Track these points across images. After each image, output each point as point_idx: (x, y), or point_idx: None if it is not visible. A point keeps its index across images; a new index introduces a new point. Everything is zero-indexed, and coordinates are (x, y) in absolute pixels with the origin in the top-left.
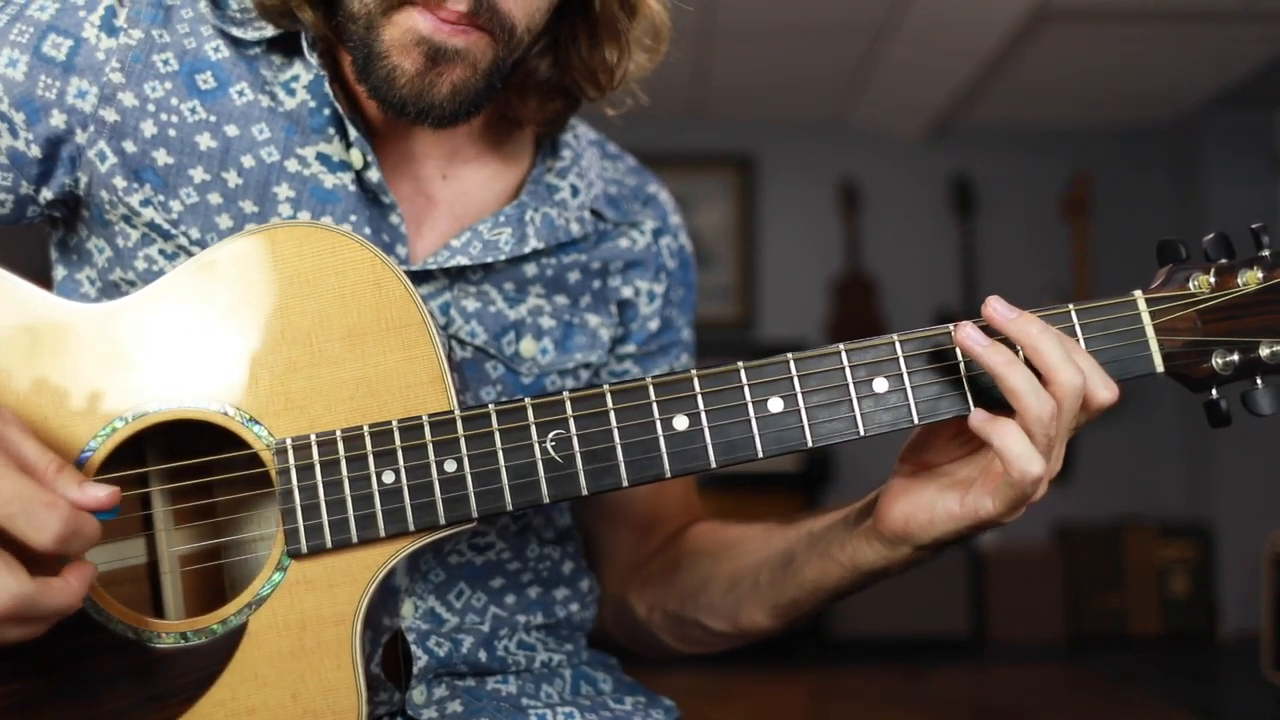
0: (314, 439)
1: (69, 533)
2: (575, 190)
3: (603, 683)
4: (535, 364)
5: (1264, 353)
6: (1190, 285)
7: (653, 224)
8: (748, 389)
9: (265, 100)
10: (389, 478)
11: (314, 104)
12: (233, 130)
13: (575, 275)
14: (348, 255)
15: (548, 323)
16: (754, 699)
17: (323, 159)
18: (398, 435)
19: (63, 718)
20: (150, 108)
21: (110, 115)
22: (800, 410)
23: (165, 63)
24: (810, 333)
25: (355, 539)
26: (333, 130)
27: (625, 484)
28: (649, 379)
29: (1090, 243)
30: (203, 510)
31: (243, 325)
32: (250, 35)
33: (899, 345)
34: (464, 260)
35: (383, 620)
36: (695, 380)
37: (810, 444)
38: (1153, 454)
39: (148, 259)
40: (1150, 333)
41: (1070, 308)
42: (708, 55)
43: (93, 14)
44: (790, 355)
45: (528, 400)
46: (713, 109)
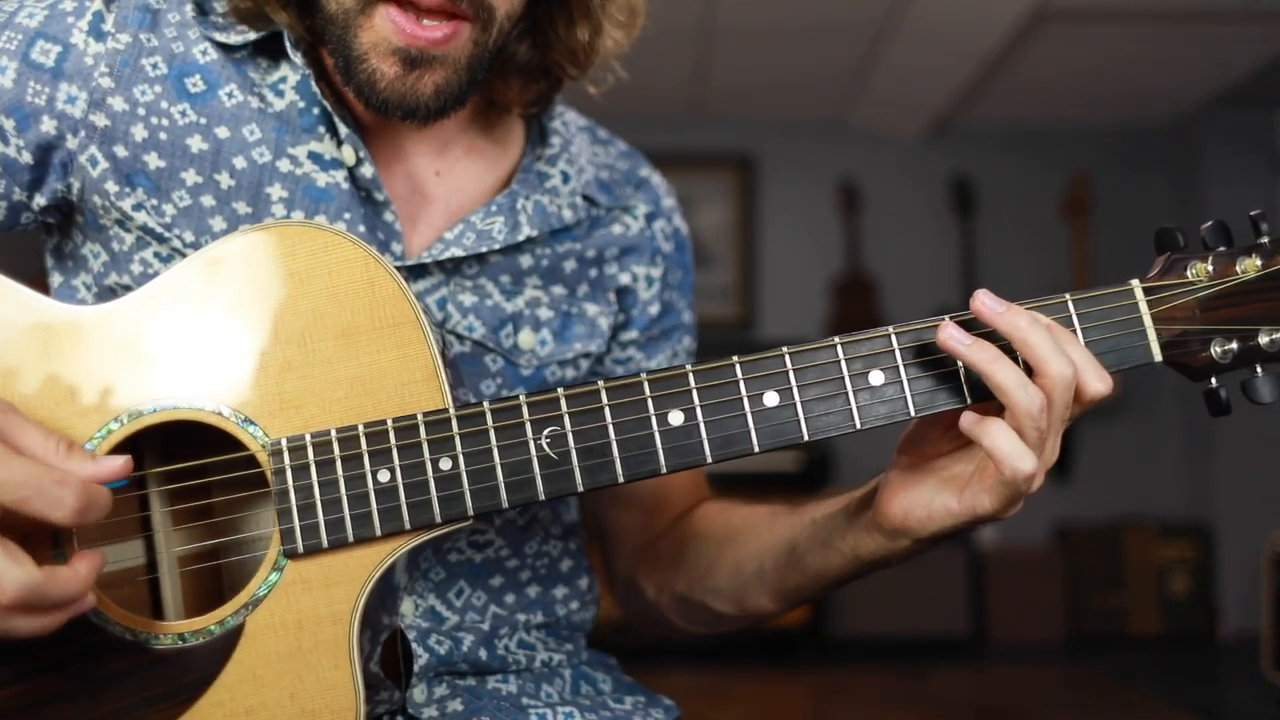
0: (309, 439)
1: (85, 504)
2: (566, 177)
3: (602, 683)
4: (534, 355)
5: (1263, 340)
6: (1188, 273)
7: (645, 208)
8: (743, 383)
9: (255, 101)
10: (384, 477)
11: (303, 104)
12: (223, 132)
13: (571, 264)
14: (340, 254)
15: (546, 313)
16: (754, 699)
17: (314, 158)
18: (393, 434)
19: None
20: (140, 111)
21: (100, 120)
22: (796, 404)
23: (154, 66)
24: (810, 333)
25: (351, 538)
26: (323, 129)
27: (621, 480)
28: (644, 375)
29: (1090, 243)
30: (201, 511)
31: (236, 326)
32: (234, 39)
33: (894, 338)
34: (458, 252)
35: (382, 619)
36: (690, 375)
37: (806, 437)
38: (1153, 454)
39: (143, 262)
40: (1148, 322)
41: (1067, 297)
42: (708, 55)
43: (81, 20)
44: (786, 349)
45: (522, 398)
46: (713, 109)
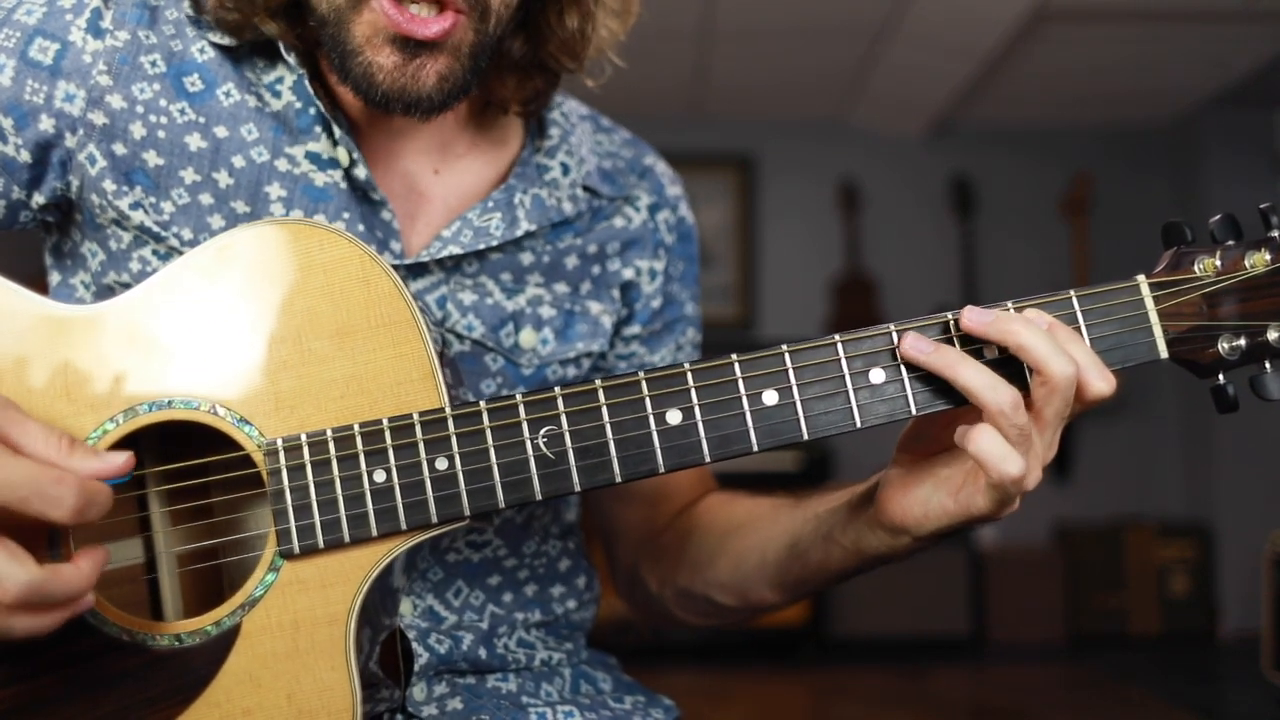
0: (304, 439)
1: (84, 503)
2: (566, 168)
3: (602, 682)
4: (536, 355)
5: (1272, 336)
6: (1196, 268)
7: (648, 199)
8: (742, 382)
9: (252, 101)
10: (380, 476)
11: (300, 104)
12: (222, 131)
13: (573, 260)
14: (335, 252)
15: (548, 312)
16: (754, 699)
17: (312, 157)
18: (388, 434)
19: None
20: (139, 109)
21: (99, 118)
22: (796, 402)
23: (153, 64)
24: (810, 332)
25: (348, 538)
26: (319, 129)
27: (618, 479)
28: (641, 374)
29: (1090, 243)
30: (199, 510)
31: (231, 324)
32: (228, 41)
33: (895, 335)
34: (456, 249)
35: (381, 619)
36: (689, 374)
37: (806, 436)
38: (1153, 454)
39: (141, 260)
40: (1154, 318)
41: (1071, 294)
42: (708, 55)
43: (79, 17)
44: (785, 347)
45: (519, 397)
46: (713, 109)
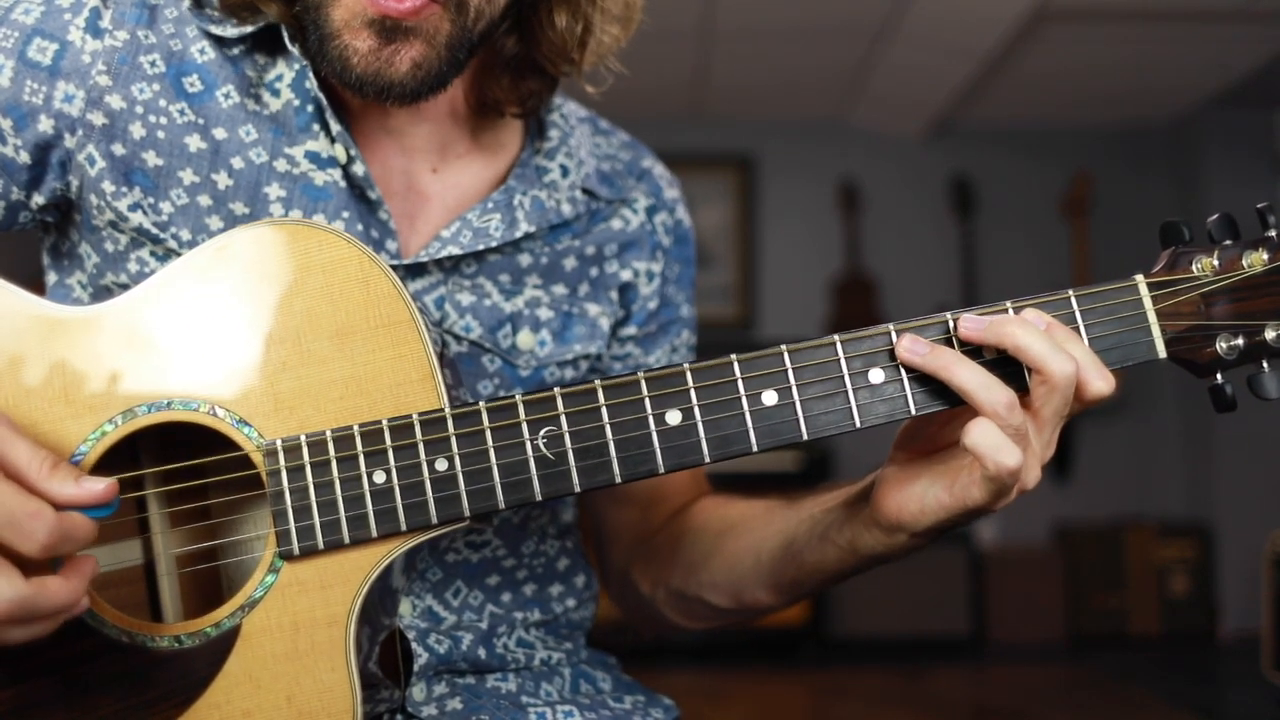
0: (304, 440)
1: (56, 540)
2: (565, 170)
3: (602, 681)
4: (533, 356)
5: (1270, 335)
6: (1194, 268)
7: (646, 201)
8: (741, 382)
9: (251, 103)
10: (380, 477)
11: (298, 102)
12: (221, 133)
13: (571, 262)
14: (334, 253)
15: (546, 314)
16: (754, 699)
17: (311, 157)
18: (388, 434)
19: None
20: (139, 110)
21: (98, 118)
22: (795, 403)
23: (152, 64)
24: (810, 333)
25: (347, 540)
26: (318, 127)
27: (618, 480)
28: (641, 374)
29: (1090, 243)
30: (198, 512)
31: (231, 325)
32: (230, 33)
33: (895, 335)
34: (455, 250)
35: (380, 620)
36: (688, 374)
37: (805, 437)
38: (1153, 454)
39: (139, 261)
40: (1152, 318)
41: (1070, 294)
42: (708, 55)
43: (78, 17)
44: (784, 347)
45: (519, 397)
46: (713, 109)
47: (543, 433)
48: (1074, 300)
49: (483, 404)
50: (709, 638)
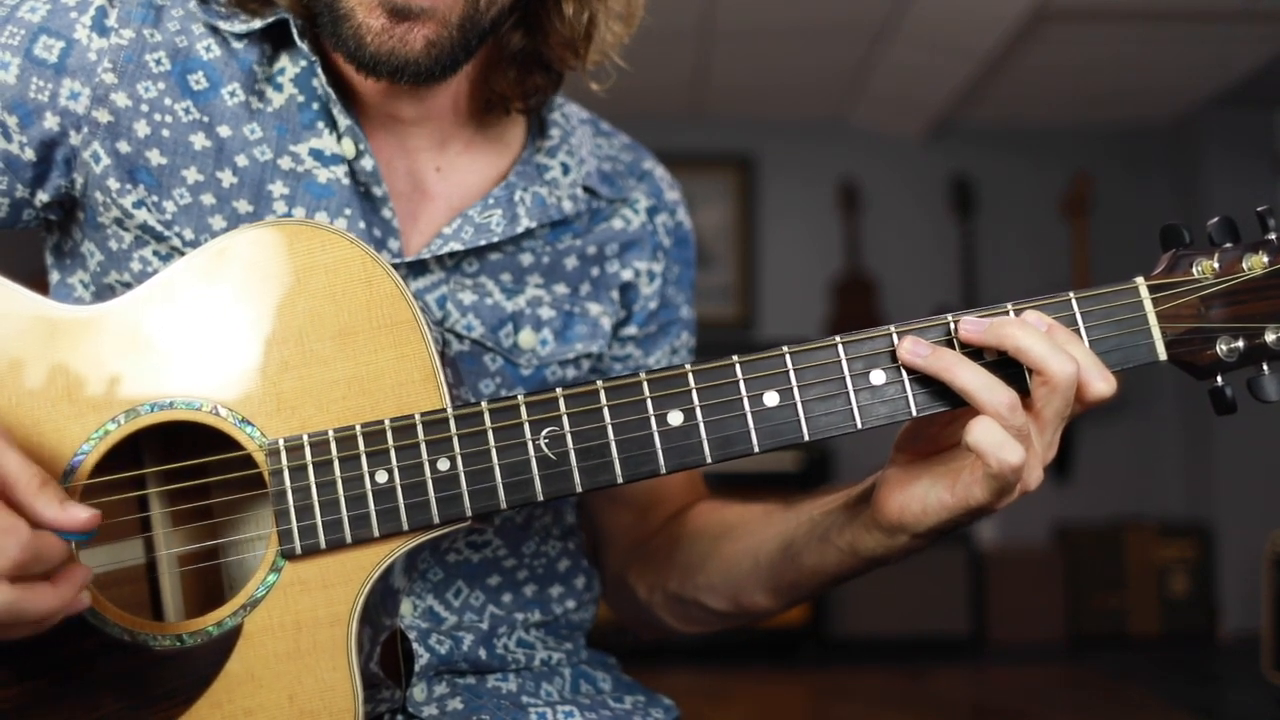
0: (306, 439)
1: (27, 559)
2: (566, 168)
3: (602, 682)
4: (535, 355)
5: (1270, 338)
6: (1194, 271)
7: (647, 201)
8: (743, 383)
9: (255, 101)
10: (382, 477)
11: (302, 98)
12: (225, 131)
13: (573, 261)
14: (338, 253)
15: (547, 313)
16: (754, 699)
17: (315, 154)
18: (390, 434)
19: None
20: (144, 108)
21: (104, 116)
22: (796, 404)
23: (158, 62)
24: (810, 333)
25: (349, 539)
26: (322, 124)
27: (620, 480)
28: (643, 375)
29: (1090, 243)
30: (200, 510)
31: (234, 325)
32: (238, 28)
33: (896, 337)
34: (457, 246)
35: (382, 620)
36: (690, 375)
37: (807, 438)
38: (1153, 454)
39: (142, 260)
40: (1153, 320)
41: (1071, 296)
42: (708, 55)
43: (84, 15)
44: (786, 348)
45: (521, 398)
46: (713, 109)
47: (545, 433)
48: (1075, 302)
49: (485, 404)
50: (709, 637)
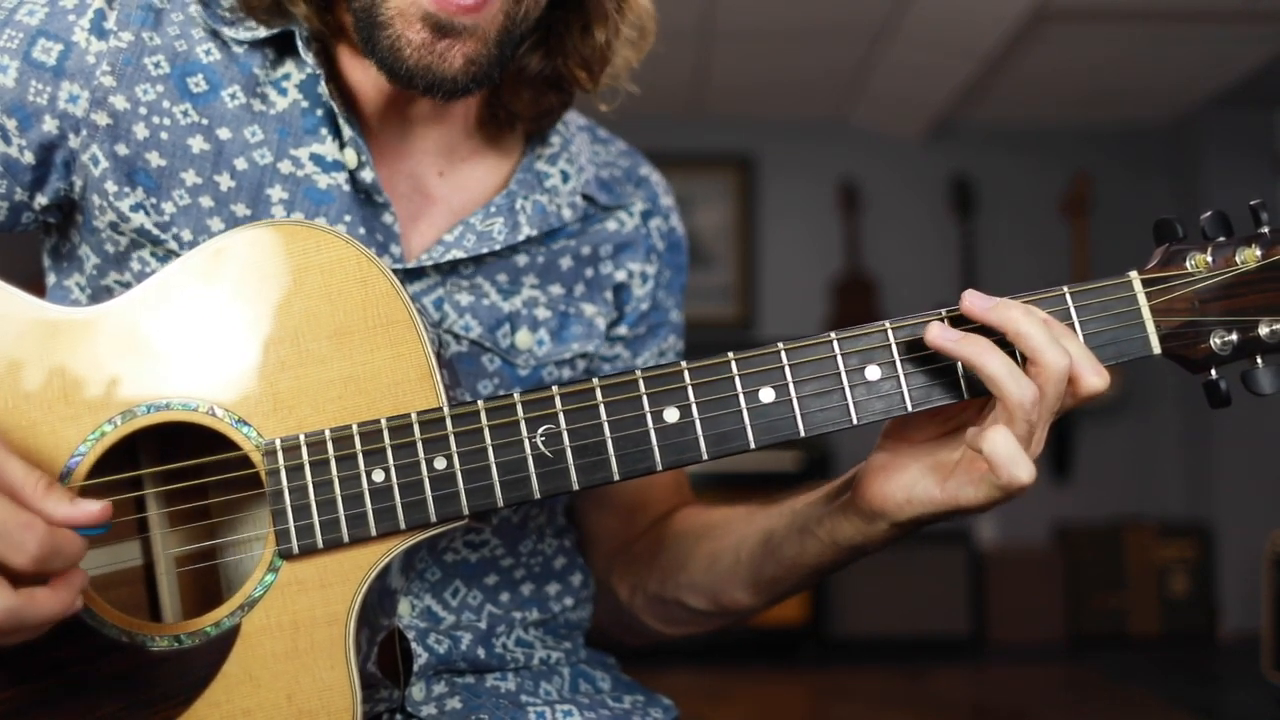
0: (303, 439)
1: (46, 553)
2: (566, 176)
3: (601, 681)
4: (532, 355)
5: (1263, 331)
6: (1188, 264)
7: (642, 205)
8: (739, 379)
9: (257, 104)
10: (379, 476)
11: (306, 104)
12: (225, 133)
13: (567, 262)
14: (333, 253)
15: (543, 313)
16: (754, 699)
17: (316, 159)
18: (387, 434)
19: None
20: (142, 110)
21: (102, 119)
22: (792, 400)
23: (156, 65)
24: (810, 333)
25: (347, 538)
26: (325, 130)
27: (616, 478)
28: (639, 372)
29: (1090, 243)
30: (198, 511)
31: (230, 325)
32: (242, 35)
33: (891, 333)
34: (459, 254)
35: (380, 620)
36: (686, 372)
37: (802, 433)
38: (1153, 454)
39: (141, 261)
40: (1146, 314)
41: (1065, 290)
42: (708, 55)
43: (82, 18)
44: (781, 344)
45: (517, 396)
46: (713, 109)
47: (541, 431)
48: (1069, 296)
49: (481, 403)
50: (709, 637)
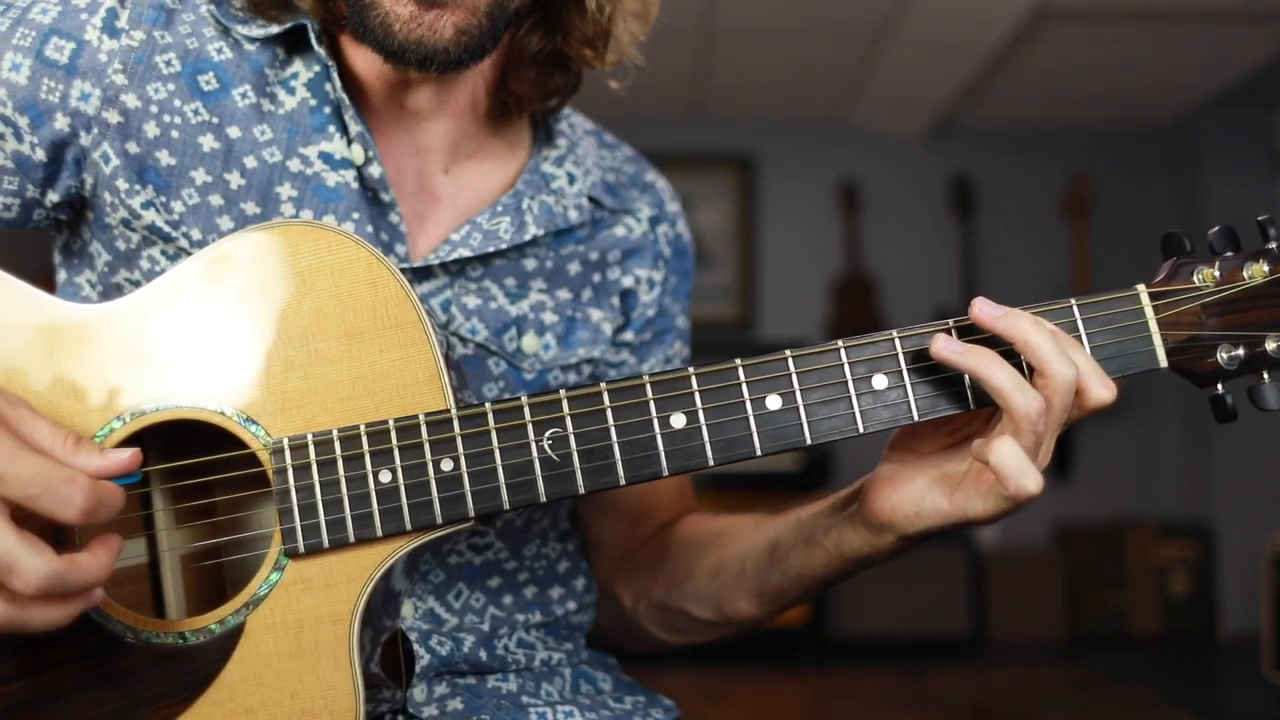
0: (311, 439)
1: (93, 505)
2: (572, 178)
3: (602, 682)
4: (538, 360)
5: (1270, 346)
6: (1195, 278)
7: (649, 211)
8: (746, 386)
9: (267, 104)
10: (386, 477)
11: (314, 102)
12: (235, 132)
13: (575, 267)
14: (343, 254)
15: (550, 318)
16: (754, 699)
17: (325, 157)
18: (394, 435)
19: (62, 718)
20: (153, 109)
21: (113, 117)
22: (799, 408)
23: (168, 64)
24: (810, 333)
25: (352, 538)
26: (333, 128)
27: (623, 482)
28: (646, 377)
29: (1090, 243)
30: (204, 509)
31: (239, 325)
32: (254, 32)
33: (898, 342)
34: (465, 252)
35: (383, 621)
36: (693, 378)
37: (809, 441)
38: (1153, 454)
39: (150, 259)
40: (1153, 327)
41: (1072, 302)
42: (708, 55)
43: (94, 16)
44: (789, 352)
45: (525, 399)
46: (713, 109)
47: (548, 434)
48: (1076, 309)
49: (489, 405)
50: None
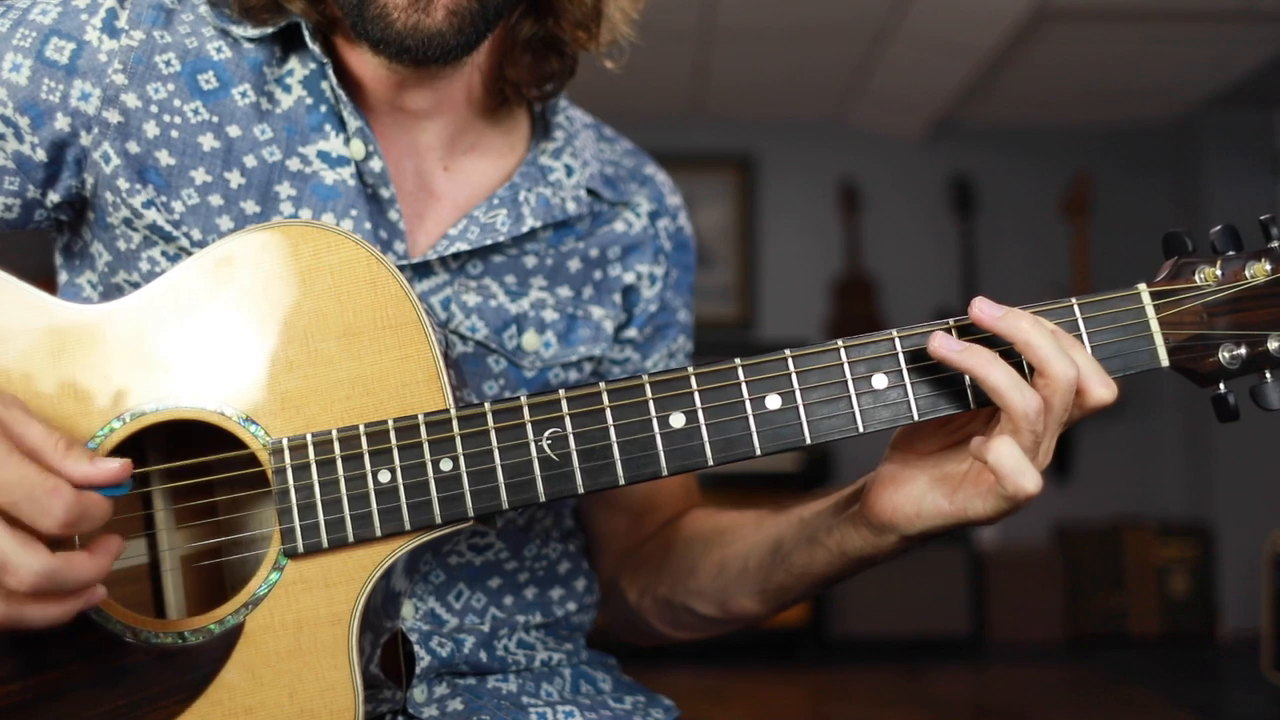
0: (310, 439)
1: (74, 517)
2: (570, 170)
3: (602, 682)
4: (538, 357)
5: (1273, 346)
6: (1197, 278)
7: (649, 205)
8: (745, 386)
9: (265, 103)
10: (385, 477)
11: (310, 100)
12: (235, 131)
13: (576, 264)
14: (343, 254)
15: (551, 315)
16: (754, 699)
17: (323, 156)
18: (393, 434)
19: (61, 717)
20: (153, 109)
21: (114, 117)
22: (799, 407)
23: (167, 63)
24: (810, 333)
25: (352, 539)
26: (329, 126)
27: (622, 482)
28: (645, 377)
29: (1090, 243)
30: (204, 509)
31: (239, 325)
32: (250, 33)
33: (898, 341)
34: (463, 246)
35: (384, 622)
36: (692, 378)
37: (809, 441)
38: (1153, 454)
39: (150, 260)
40: (1155, 326)
41: (1073, 301)
42: (708, 55)
43: (94, 16)
44: (789, 352)
45: (524, 399)
46: (713, 109)
47: (547, 434)
48: (1077, 308)
49: (488, 405)
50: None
